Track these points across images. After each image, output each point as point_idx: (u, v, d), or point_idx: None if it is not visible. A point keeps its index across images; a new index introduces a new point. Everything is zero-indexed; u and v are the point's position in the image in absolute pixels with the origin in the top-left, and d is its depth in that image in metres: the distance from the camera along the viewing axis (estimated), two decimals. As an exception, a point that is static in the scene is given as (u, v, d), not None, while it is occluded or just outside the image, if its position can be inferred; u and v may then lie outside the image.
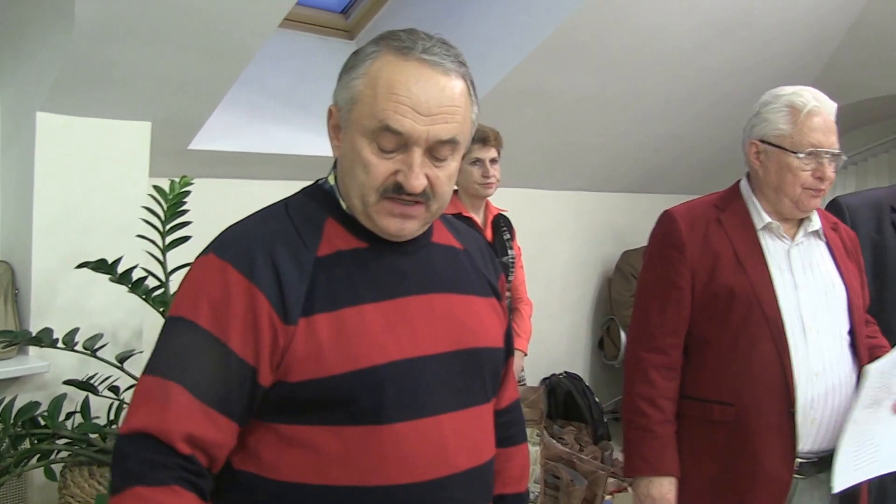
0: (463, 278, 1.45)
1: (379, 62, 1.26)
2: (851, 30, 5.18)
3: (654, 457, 2.10)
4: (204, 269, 1.27)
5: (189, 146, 2.85)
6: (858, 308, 2.14)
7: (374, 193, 1.27)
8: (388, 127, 1.24)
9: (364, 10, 3.80)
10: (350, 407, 1.25)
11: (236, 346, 1.22)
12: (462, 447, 1.34)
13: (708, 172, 6.23)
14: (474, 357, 1.40)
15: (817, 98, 2.07)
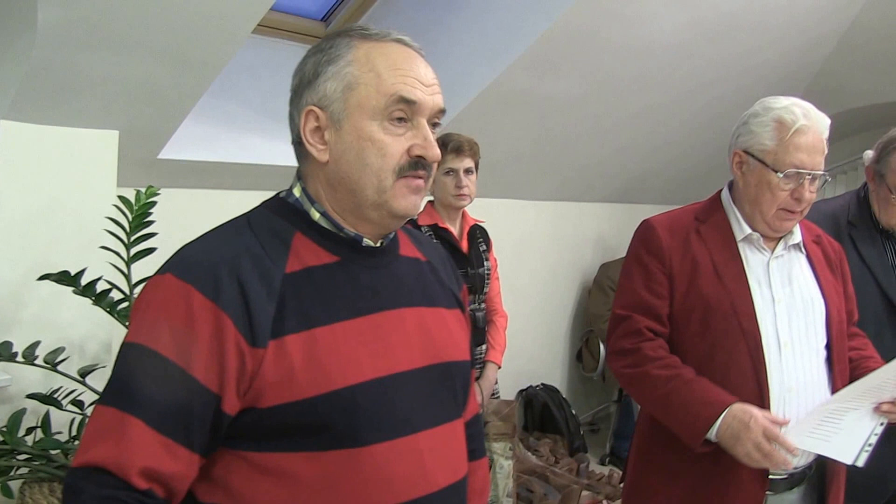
0: (430, 291, 1.44)
1: (363, 48, 1.29)
2: (844, 36, 5.20)
3: (711, 395, 1.98)
4: (163, 291, 1.21)
5: (159, 155, 2.84)
6: (837, 322, 2.13)
7: (391, 175, 1.27)
8: (402, 98, 1.26)
9: (346, 18, 3.79)
10: (326, 430, 1.22)
11: (199, 373, 1.17)
12: (440, 464, 1.33)
13: (691, 182, 6.25)
14: (447, 371, 1.39)
15: (808, 115, 2.04)
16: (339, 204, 1.32)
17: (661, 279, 2.12)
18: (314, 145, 1.30)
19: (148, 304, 1.22)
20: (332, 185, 1.31)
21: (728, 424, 1.91)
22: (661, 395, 2.04)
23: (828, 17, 4.89)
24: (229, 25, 2.52)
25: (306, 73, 1.32)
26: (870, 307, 2.48)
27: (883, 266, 2.54)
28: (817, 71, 5.55)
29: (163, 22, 2.38)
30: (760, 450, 1.87)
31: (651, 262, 2.14)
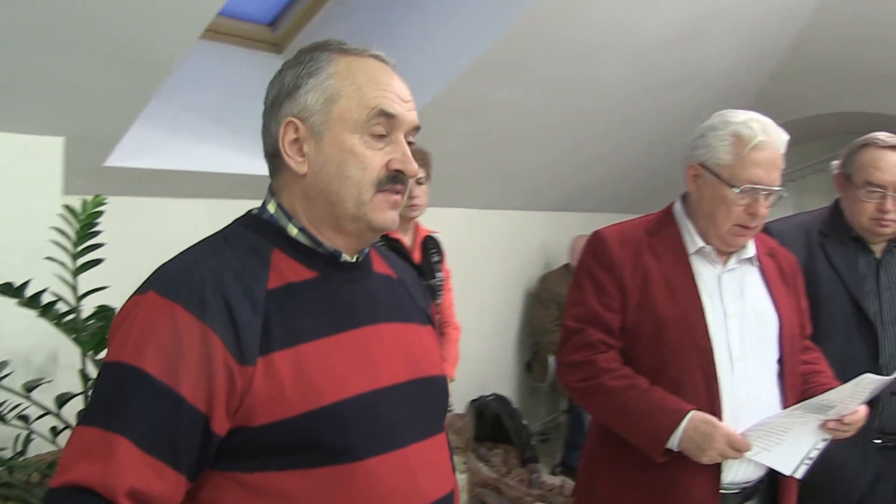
0: (403, 307, 1.46)
1: (343, 61, 1.32)
2: (794, 47, 5.31)
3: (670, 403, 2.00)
4: (146, 309, 1.20)
5: (105, 163, 2.82)
6: (790, 336, 2.15)
7: (370, 189, 1.30)
8: (383, 111, 1.30)
9: (292, 23, 3.81)
10: (318, 447, 1.23)
11: (187, 392, 1.16)
12: (430, 477, 1.35)
13: (640, 192, 6.33)
14: (428, 385, 1.41)
15: (766, 131, 2.05)
16: (316, 217, 1.33)
17: (613, 292, 2.12)
18: (292, 157, 1.31)
19: (131, 322, 1.21)
20: (309, 198, 1.33)
21: (690, 436, 1.94)
22: (617, 406, 2.05)
23: (776, 28, 4.98)
24: (177, 29, 2.51)
25: (285, 84, 1.33)
26: (840, 315, 2.52)
27: (853, 275, 2.56)
28: (766, 81, 5.64)
29: (109, 25, 2.36)
30: (725, 455, 1.92)
31: (603, 275, 2.14)
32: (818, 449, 2.02)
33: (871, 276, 2.58)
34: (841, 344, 2.49)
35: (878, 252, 2.61)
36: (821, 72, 5.60)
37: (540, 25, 3.62)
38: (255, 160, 3.30)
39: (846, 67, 5.48)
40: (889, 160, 2.51)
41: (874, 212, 2.52)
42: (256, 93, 3.60)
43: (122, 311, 1.25)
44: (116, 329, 1.24)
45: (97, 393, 1.21)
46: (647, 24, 4.15)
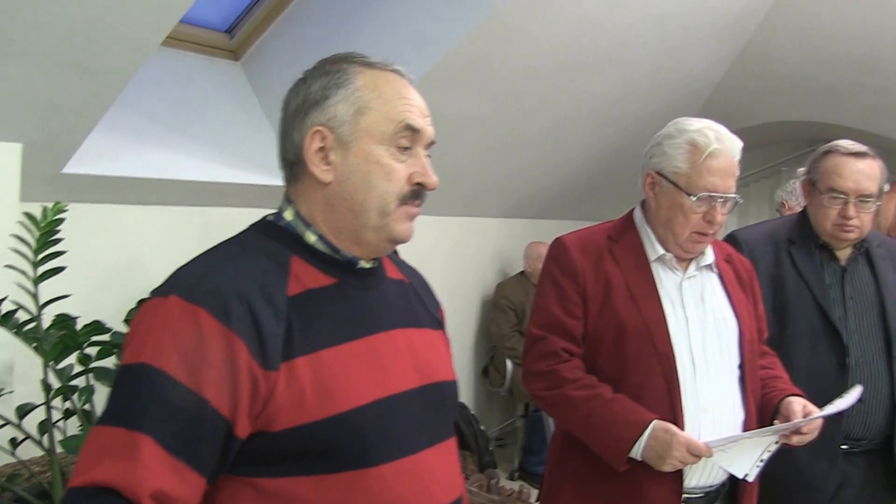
0: (416, 312, 1.48)
1: (368, 74, 1.35)
2: (738, 59, 5.43)
3: (631, 415, 2.00)
4: (169, 313, 1.19)
5: (63, 170, 2.75)
6: (749, 342, 2.16)
7: (395, 200, 1.33)
8: (409, 125, 1.33)
9: (249, 30, 3.77)
10: (334, 453, 1.23)
11: (211, 396, 1.16)
12: (441, 482, 1.36)
13: (591, 198, 6.36)
14: (438, 391, 1.42)
15: (721, 139, 2.04)
16: (337, 225, 1.34)
17: (576, 299, 2.12)
18: (317, 165, 1.32)
19: (151, 325, 1.20)
20: (331, 206, 1.34)
21: (651, 446, 1.95)
22: (581, 417, 2.05)
23: (722, 40, 5.07)
24: (137, 36, 2.46)
25: (312, 93, 1.34)
26: (806, 321, 2.53)
27: (819, 281, 2.56)
28: (713, 90, 5.74)
29: (68, 31, 2.31)
30: (685, 461, 1.93)
31: (565, 282, 2.14)
32: (770, 452, 2.02)
33: (837, 284, 2.58)
34: (808, 351, 2.51)
35: (844, 260, 2.62)
36: (764, 84, 5.72)
37: (488, 40, 3.64)
38: (214, 167, 3.32)
39: (788, 79, 5.62)
40: (851, 167, 2.50)
41: (837, 218, 2.52)
42: (214, 99, 3.57)
43: (141, 313, 1.24)
44: (136, 330, 1.22)
45: (117, 393, 1.19)
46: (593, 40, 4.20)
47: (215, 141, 3.42)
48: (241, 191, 3.47)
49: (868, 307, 2.55)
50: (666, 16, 4.39)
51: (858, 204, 2.49)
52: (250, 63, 3.79)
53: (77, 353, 2.39)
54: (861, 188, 2.48)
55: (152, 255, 3.19)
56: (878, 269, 2.60)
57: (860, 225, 2.51)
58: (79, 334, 2.38)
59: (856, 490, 2.51)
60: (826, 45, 5.12)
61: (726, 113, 5.58)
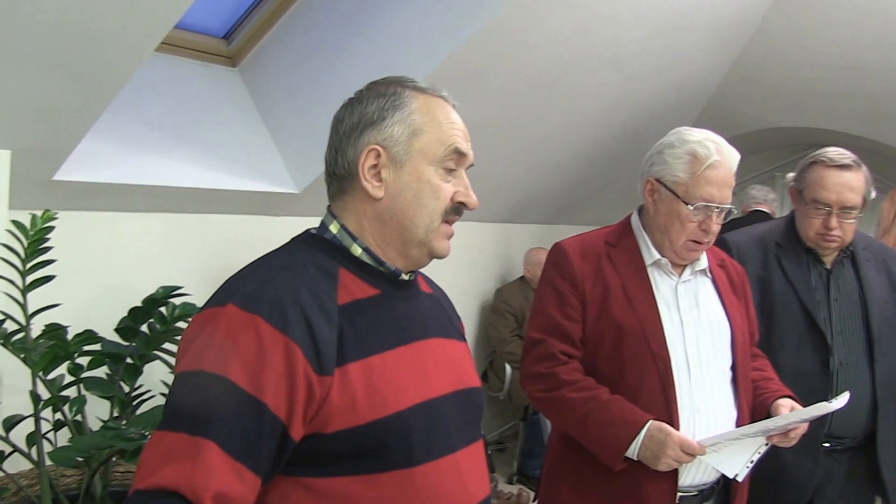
0: (445, 324, 1.55)
1: (421, 99, 1.42)
2: (734, 66, 5.42)
3: (628, 415, 2.03)
4: (228, 321, 1.23)
5: (54, 176, 2.64)
6: (741, 344, 2.19)
7: (439, 218, 1.41)
8: (457, 149, 1.42)
9: (247, 37, 3.67)
10: (382, 453, 1.28)
11: (270, 400, 1.20)
12: (475, 480, 1.42)
13: (587, 204, 6.31)
14: (470, 396, 1.49)
15: (720, 150, 2.08)
16: (385, 238, 1.41)
17: (574, 303, 2.15)
18: (370, 181, 1.39)
19: (211, 333, 1.23)
20: (381, 221, 1.40)
21: (646, 446, 1.97)
22: (578, 418, 2.06)
23: (719, 48, 5.06)
24: (130, 41, 2.35)
25: (369, 113, 1.40)
26: (791, 323, 2.56)
27: (805, 284, 2.59)
28: (711, 97, 5.71)
29: (60, 36, 2.20)
30: (680, 460, 1.95)
31: (564, 286, 2.17)
32: (759, 453, 2.05)
33: (822, 286, 2.62)
34: (793, 352, 2.53)
35: (830, 263, 2.65)
36: (760, 90, 5.72)
37: (493, 42, 3.56)
38: (212, 173, 3.21)
39: (783, 86, 5.62)
40: (835, 180, 2.53)
41: (820, 227, 2.56)
42: (211, 106, 3.45)
43: (199, 321, 1.28)
44: (193, 339, 1.26)
45: (177, 400, 1.23)
46: (589, 46, 4.13)
47: (212, 147, 3.32)
48: (240, 197, 3.38)
49: (852, 309, 2.60)
50: (663, 24, 4.34)
51: (841, 215, 2.53)
52: (248, 69, 3.70)
53: (68, 363, 2.29)
54: (843, 200, 2.51)
55: (148, 263, 3.08)
56: (863, 272, 2.64)
57: (842, 235, 2.56)
58: (70, 344, 2.29)
59: (838, 486, 2.57)
60: (820, 51, 5.13)
61: (723, 119, 5.56)
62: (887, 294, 2.65)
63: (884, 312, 2.61)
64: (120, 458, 2.22)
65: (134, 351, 2.32)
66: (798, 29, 5.00)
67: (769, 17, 4.93)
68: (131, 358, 2.32)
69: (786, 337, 2.55)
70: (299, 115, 3.50)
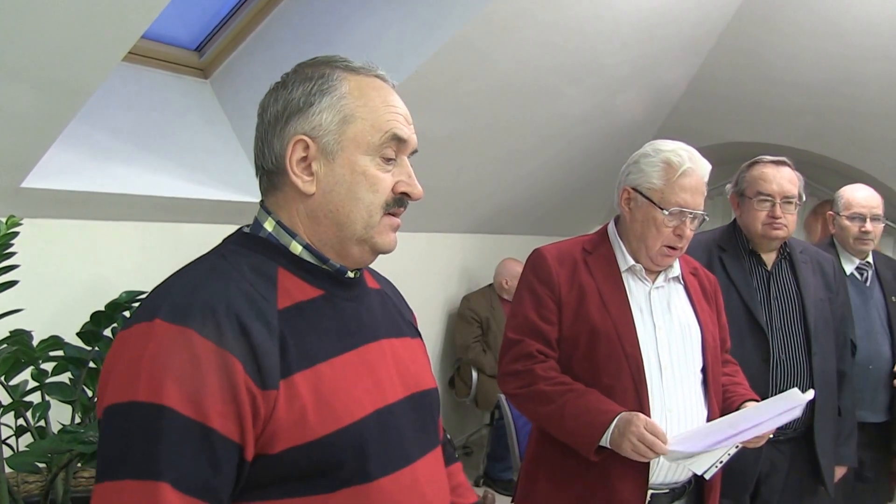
0: (395, 321, 1.39)
1: (353, 80, 1.23)
2: (692, 83, 5.47)
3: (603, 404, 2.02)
4: (155, 339, 1.04)
5: (22, 184, 2.55)
6: (712, 348, 2.21)
7: (379, 211, 1.23)
8: (395, 135, 1.23)
9: (219, 49, 3.60)
10: (337, 469, 1.12)
11: (217, 424, 1.03)
12: (435, 491, 1.29)
13: (556, 215, 6.30)
14: (424, 400, 1.34)
15: (693, 159, 2.11)
16: (320, 237, 1.23)
17: (551, 305, 2.15)
18: (300, 176, 1.20)
19: (138, 354, 1.04)
20: (314, 218, 1.22)
21: (616, 426, 1.96)
22: (554, 409, 2.05)
23: (676, 64, 5.07)
24: (99, 51, 2.28)
25: (293, 100, 1.21)
26: (734, 320, 2.58)
27: (747, 284, 2.68)
28: (669, 112, 5.74)
29: (27, 44, 2.12)
30: (644, 440, 1.91)
31: (541, 289, 2.17)
32: (730, 455, 2.03)
33: (763, 286, 2.72)
34: (735, 349, 2.55)
35: (769, 264, 2.75)
36: (715, 106, 5.78)
37: (456, 58, 3.54)
38: (182, 183, 3.12)
39: (736, 104, 5.69)
40: (774, 174, 2.69)
41: (766, 218, 2.68)
42: (182, 117, 3.37)
43: (123, 341, 1.08)
44: (116, 362, 1.07)
45: (114, 441, 1.03)
46: (556, 61, 4.13)
47: (183, 157, 3.25)
48: (211, 207, 3.30)
49: (790, 308, 2.70)
50: (627, 38, 4.34)
51: (784, 205, 2.67)
52: (219, 81, 3.63)
53: (32, 368, 2.20)
54: (785, 190, 2.67)
55: (118, 270, 3.00)
56: (800, 273, 2.75)
57: (787, 224, 2.68)
58: (34, 350, 2.19)
59: (782, 475, 2.65)
60: (771, 69, 5.18)
61: (682, 133, 5.54)
62: (822, 293, 2.77)
63: (819, 310, 2.72)
64: (83, 464, 2.13)
65: (97, 355, 2.23)
66: (752, 49, 5.04)
67: (725, 34, 4.96)
68: (94, 362, 2.23)
69: (729, 334, 2.55)
70: (269, 126, 3.43)
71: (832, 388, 2.76)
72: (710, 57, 5.16)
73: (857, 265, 3.35)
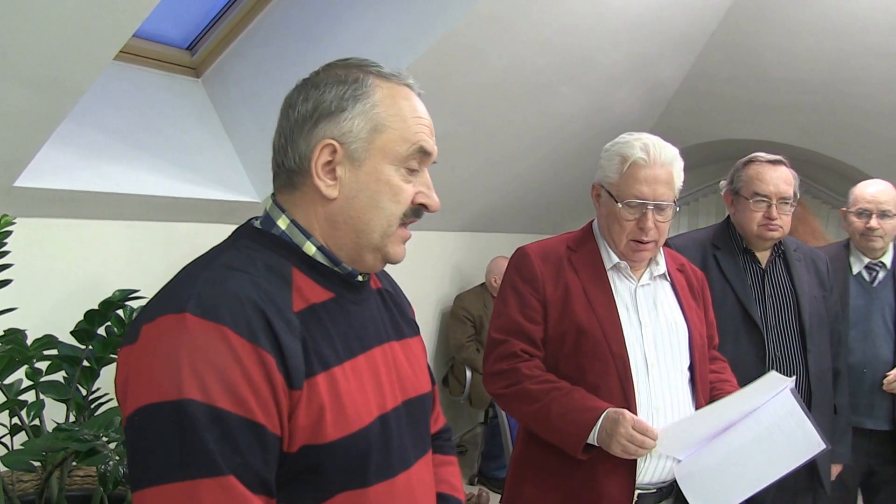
0: (396, 322, 1.39)
1: (385, 89, 1.22)
2: (686, 80, 5.46)
3: (589, 402, 2.02)
4: (189, 335, 1.01)
5: (14, 183, 2.56)
6: (699, 345, 2.19)
7: (397, 222, 1.23)
8: (422, 149, 1.23)
9: (210, 48, 3.61)
10: (338, 474, 1.13)
11: (262, 418, 1.03)
12: (425, 497, 1.30)
13: (549, 213, 6.31)
14: (418, 405, 1.34)
15: (647, 149, 2.07)
16: (337, 242, 1.23)
17: (536, 305, 2.14)
18: (323, 179, 1.19)
19: (176, 349, 1.01)
20: (332, 223, 1.22)
21: (603, 426, 1.95)
22: (540, 408, 2.04)
23: (670, 61, 5.07)
24: (91, 50, 2.29)
25: (325, 103, 1.20)
26: (729, 318, 2.62)
27: (742, 282, 2.68)
28: (662, 111, 5.74)
29: (19, 43, 2.13)
30: (633, 440, 1.92)
31: (525, 288, 2.16)
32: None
33: (758, 284, 2.72)
34: (731, 347, 2.58)
35: (764, 262, 2.76)
36: (710, 103, 5.76)
37: (449, 57, 3.54)
38: (174, 182, 3.14)
39: (730, 100, 5.68)
40: (771, 174, 2.68)
41: (762, 219, 2.67)
42: (174, 116, 3.38)
43: (151, 335, 1.05)
44: (153, 358, 1.03)
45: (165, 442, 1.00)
46: (549, 60, 4.12)
47: (175, 157, 3.26)
48: (203, 206, 3.31)
49: (785, 305, 2.70)
50: (622, 36, 4.35)
51: (780, 205, 2.66)
52: (211, 80, 3.63)
53: (26, 367, 2.21)
54: (781, 191, 2.66)
55: (111, 269, 3.01)
56: (794, 271, 2.75)
57: (782, 224, 2.68)
58: (28, 349, 2.21)
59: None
60: (765, 66, 5.18)
61: (677, 130, 5.61)
62: (816, 291, 2.77)
63: (814, 308, 2.72)
64: (78, 463, 2.15)
65: (91, 354, 2.25)
66: (745, 45, 5.05)
67: (718, 31, 4.97)
68: (88, 361, 2.25)
69: (724, 332, 2.57)
70: (260, 125, 3.44)
71: (827, 385, 2.76)
72: (703, 54, 5.16)
73: (865, 264, 3.24)
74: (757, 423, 2.03)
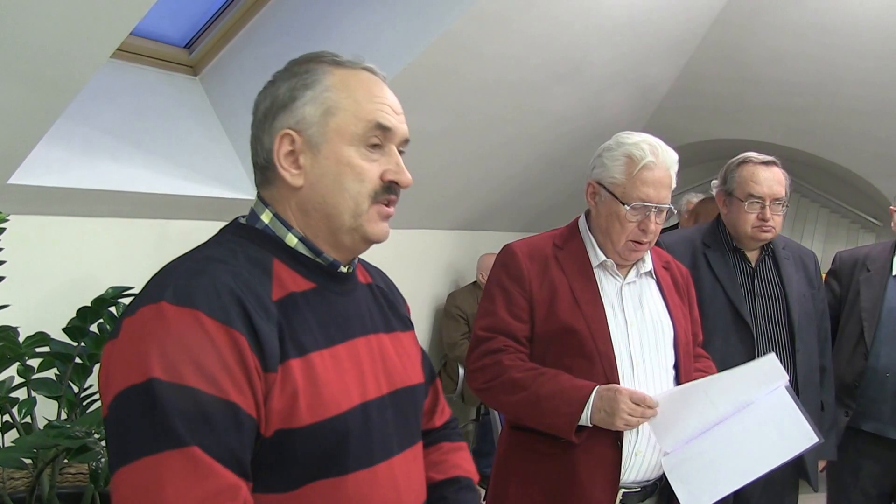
0: (386, 316, 1.39)
1: (338, 74, 1.24)
2: (677, 81, 5.47)
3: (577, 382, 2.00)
4: (164, 320, 1.04)
5: (9, 180, 2.52)
6: (684, 344, 2.17)
7: (367, 200, 1.23)
8: (379, 125, 1.23)
9: (209, 46, 3.57)
10: (316, 460, 1.13)
11: (235, 397, 1.04)
12: (410, 489, 1.29)
13: (543, 212, 6.29)
14: (407, 396, 1.34)
15: (656, 152, 2.05)
16: (312, 230, 1.24)
17: (522, 303, 2.11)
18: (287, 169, 1.22)
19: (145, 336, 1.04)
20: (304, 211, 1.24)
21: (598, 407, 1.94)
22: (528, 395, 2.01)
23: (662, 62, 5.07)
24: (87, 47, 2.25)
25: (279, 96, 1.23)
26: (719, 317, 2.61)
27: (732, 281, 2.66)
28: (654, 110, 5.74)
29: (15, 40, 2.09)
30: (633, 413, 1.91)
31: (512, 286, 2.13)
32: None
33: (747, 283, 2.70)
34: (721, 345, 2.56)
35: (754, 261, 2.73)
36: (700, 103, 5.78)
37: (445, 57, 3.52)
38: (171, 180, 3.10)
39: (720, 101, 5.69)
40: (764, 175, 2.65)
41: (756, 221, 2.65)
42: (172, 114, 3.34)
43: (130, 324, 1.07)
44: (130, 343, 1.06)
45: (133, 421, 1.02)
46: (544, 59, 4.11)
47: (173, 154, 3.22)
48: (199, 204, 3.27)
49: (774, 304, 2.69)
50: (617, 36, 4.33)
51: (773, 206, 2.64)
52: (209, 78, 3.59)
53: (18, 364, 2.18)
54: (774, 192, 2.64)
55: (105, 267, 2.96)
56: (784, 270, 2.73)
57: (775, 225, 2.66)
58: (20, 346, 2.17)
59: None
60: (755, 67, 5.19)
61: (667, 130, 5.59)
62: (805, 289, 2.76)
63: (802, 306, 2.71)
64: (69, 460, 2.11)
65: (83, 351, 2.21)
66: (736, 46, 5.05)
67: (709, 32, 4.97)
68: (80, 358, 2.21)
69: (714, 331, 2.57)
70: (258, 123, 3.40)
71: (815, 383, 2.75)
72: (695, 55, 5.16)
73: None
74: (749, 416, 2.02)
